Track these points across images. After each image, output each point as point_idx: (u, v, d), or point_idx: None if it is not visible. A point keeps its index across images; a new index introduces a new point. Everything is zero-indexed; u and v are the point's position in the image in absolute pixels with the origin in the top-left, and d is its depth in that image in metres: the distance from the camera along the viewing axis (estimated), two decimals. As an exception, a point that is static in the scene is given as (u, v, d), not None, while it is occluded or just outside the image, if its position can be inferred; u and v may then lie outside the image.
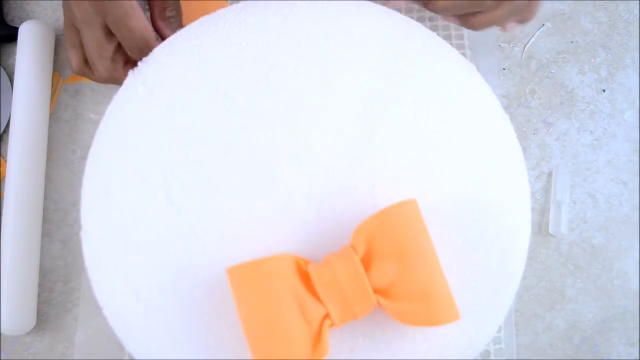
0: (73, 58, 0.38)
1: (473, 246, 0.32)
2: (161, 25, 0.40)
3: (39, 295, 0.38)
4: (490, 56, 0.45)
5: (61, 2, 0.38)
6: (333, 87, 0.35)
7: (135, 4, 0.36)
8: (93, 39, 0.36)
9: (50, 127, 0.40)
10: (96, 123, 0.41)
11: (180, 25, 0.41)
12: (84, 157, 0.40)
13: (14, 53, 0.41)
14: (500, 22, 0.38)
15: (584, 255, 0.41)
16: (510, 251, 0.33)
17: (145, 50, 0.36)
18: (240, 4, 0.36)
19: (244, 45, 0.35)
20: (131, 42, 0.37)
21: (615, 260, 0.41)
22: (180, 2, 0.42)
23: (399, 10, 0.41)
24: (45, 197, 0.39)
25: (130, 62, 0.39)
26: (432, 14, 0.44)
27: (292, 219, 0.33)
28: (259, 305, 0.30)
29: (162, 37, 0.39)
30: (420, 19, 0.41)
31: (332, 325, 0.30)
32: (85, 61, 0.38)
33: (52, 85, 0.41)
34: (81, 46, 0.38)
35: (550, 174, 0.42)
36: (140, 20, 0.36)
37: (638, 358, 0.40)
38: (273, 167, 0.34)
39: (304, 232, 0.33)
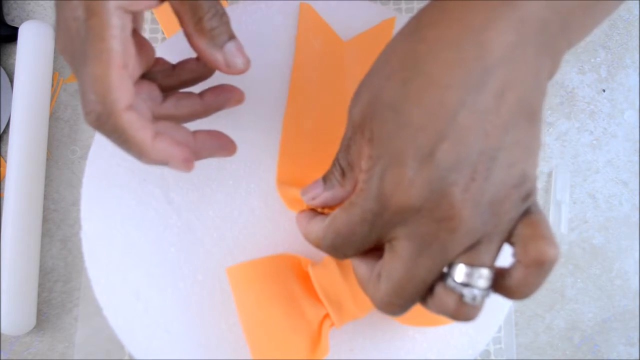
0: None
1: (473, 246, 0.32)
2: (200, 42, 0.26)
3: (39, 295, 0.38)
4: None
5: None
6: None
7: (114, 34, 0.23)
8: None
9: (50, 127, 0.40)
10: (96, 123, 0.41)
11: (231, 37, 0.27)
12: (84, 157, 0.40)
13: (14, 53, 0.41)
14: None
15: (584, 255, 0.41)
16: (510, 251, 0.33)
17: (113, 135, 0.24)
18: (240, 4, 0.36)
19: (245, 45, 0.35)
20: (91, 106, 0.23)
21: (615, 260, 0.41)
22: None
23: (399, 10, 0.41)
24: (45, 197, 0.39)
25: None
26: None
27: (292, 219, 0.33)
28: (258, 305, 0.30)
29: (205, 60, 0.26)
30: (420, 19, 0.41)
31: (332, 325, 0.30)
32: None
33: (52, 85, 0.41)
34: None
35: (550, 174, 0.42)
36: (110, 66, 0.22)
37: (638, 358, 0.40)
38: (273, 166, 0.34)
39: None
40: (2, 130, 0.40)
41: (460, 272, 0.21)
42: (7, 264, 0.36)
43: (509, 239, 0.22)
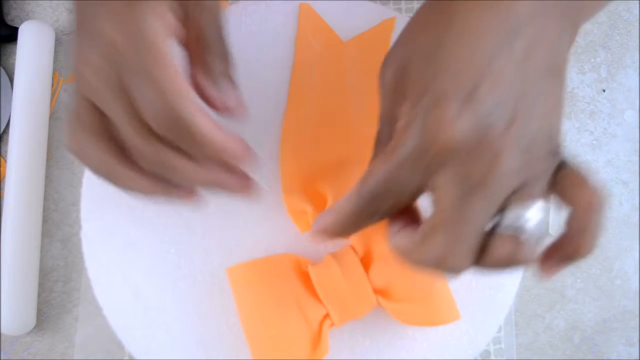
0: (93, 155, 0.25)
1: (473, 246, 0.32)
2: (203, 80, 0.26)
3: (39, 295, 0.38)
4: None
5: (69, 35, 0.27)
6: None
7: (167, 48, 0.24)
8: (119, 109, 0.24)
9: (50, 127, 0.40)
10: (96, 123, 0.41)
11: (232, 84, 0.28)
12: (84, 157, 0.40)
13: (14, 53, 0.41)
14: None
15: (584, 255, 0.41)
16: (510, 251, 0.33)
17: (176, 127, 0.23)
18: (240, 4, 0.36)
19: (245, 45, 0.35)
20: (154, 106, 0.23)
21: (615, 260, 0.41)
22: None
23: (399, 10, 0.41)
24: (45, 197, 0.39)
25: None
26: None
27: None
28: (258, 305, 0.30)
29: (206, 101, 0.27)
30: (420, 19, 0.41)
31: (332, 325, 0.30)
32: (117, 152, 0.25)
33: (52, 85, 0.41)
34: (104, 131, 0.25)
35: (550, 174, 0.42)
36: (169, 70, 0.23)
37: (638, 358, 0.40)
38: (272, 166, 0.34)
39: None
40: (2, 130, 0.40)
41: (512, 210, 0.21)
42: (7, 264, 0.36)
43: (553, 190, 0.22)
